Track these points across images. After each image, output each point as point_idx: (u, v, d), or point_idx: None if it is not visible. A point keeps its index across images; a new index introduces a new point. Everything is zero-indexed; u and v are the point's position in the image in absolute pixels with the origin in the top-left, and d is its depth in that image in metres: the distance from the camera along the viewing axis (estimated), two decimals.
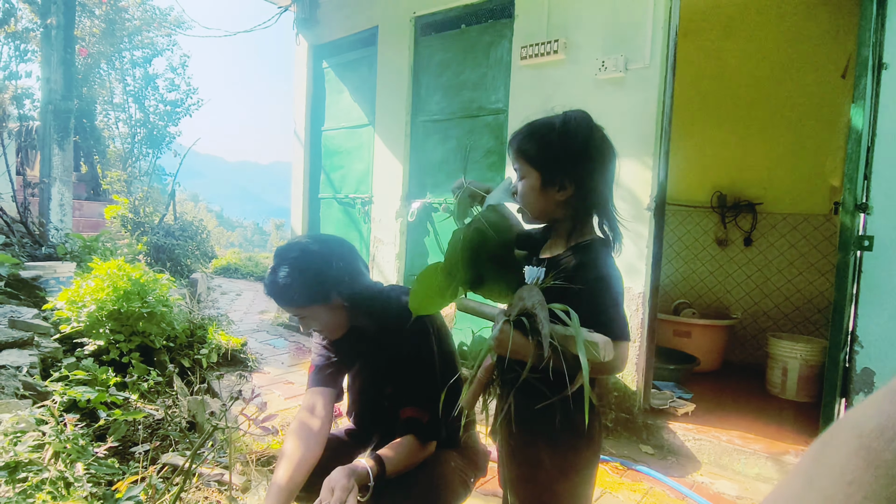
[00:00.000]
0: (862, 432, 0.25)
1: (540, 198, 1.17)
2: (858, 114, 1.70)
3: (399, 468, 1.34)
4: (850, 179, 1.65)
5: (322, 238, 1.55)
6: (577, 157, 1.14)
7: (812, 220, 3.95)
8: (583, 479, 1.18)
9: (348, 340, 1.56)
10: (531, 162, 1.17)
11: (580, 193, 1.16)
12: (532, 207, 1.20)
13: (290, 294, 1.41)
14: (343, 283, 1.45)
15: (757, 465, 2.41)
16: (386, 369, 1.54)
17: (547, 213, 1.20)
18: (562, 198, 1.16)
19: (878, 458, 0.23)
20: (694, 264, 4.49)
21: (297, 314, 1.45)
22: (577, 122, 1.14)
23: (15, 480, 1.13)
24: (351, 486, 1.20)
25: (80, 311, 2.83)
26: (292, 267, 1.42)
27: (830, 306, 3.71)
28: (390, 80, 3.94)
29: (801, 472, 0.28)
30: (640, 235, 2.70)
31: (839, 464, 0.25)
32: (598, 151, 1.16)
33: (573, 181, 1.14)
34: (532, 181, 1.17)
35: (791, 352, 3.30)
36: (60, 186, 6.71)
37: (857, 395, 2.15)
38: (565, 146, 1.14)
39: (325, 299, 1.43)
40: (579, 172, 1.14)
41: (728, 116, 4.26)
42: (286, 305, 1.44)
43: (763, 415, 2.96)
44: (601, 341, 0.98)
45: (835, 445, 0.26)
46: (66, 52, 6.84)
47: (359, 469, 1.25)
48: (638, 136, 2.69)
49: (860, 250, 1.85)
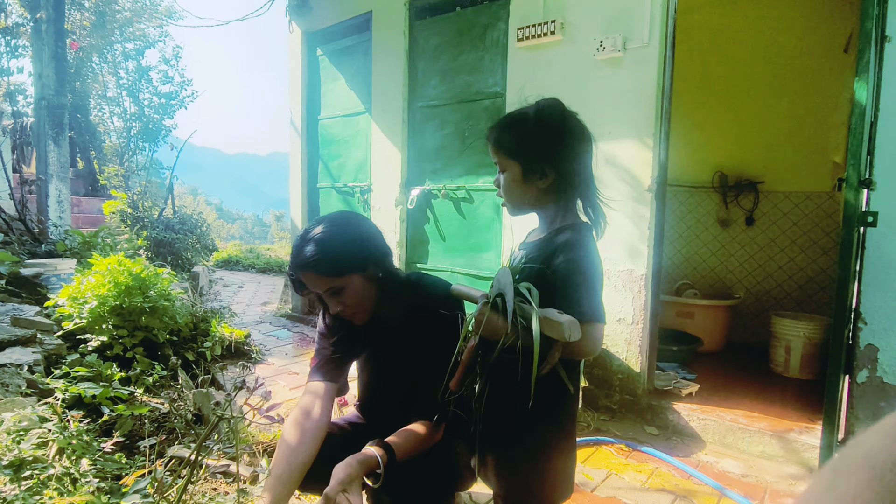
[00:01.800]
0: (875, 463, 0.24)
1: (522, 188, 1.20)
2: (862, 88, 1.68)
3: (408, 455, 1.34)
4: (854, 155, 1.63)
5: (353, 213, 1.54)
6: (554, 143, 1.17)
7: (814, 198, 3.93)
8: (552, 464, 1.17)
9: (363, 329, 1.52)
10: (511, 154, 1.20)
11: (561, 179, 1.18)
12: (515, 198, 1.23)
13: (330, 259, 1.33)
14: (378, 255, 1.43)
15: (762, 443, 2.41)
16: (410, 357, 1.51)
17: (530, 202, 1.23)
18: (544, 185, 1.19)
19: (891, 491, 0.23)
20: (696, 245, 4.48)
21: (331, 286, 1.36)
22: (550, 109, 1.18)
23: (20, 478, 1.13)
24: (356, 474, 1.20)
25: (81, 308, 2.83)
26: (331, 232, 1.38)
27: (833, 284, 3.71)
28: (386, 66, 3.90)
29: (812, 502, 0.28)
30: (642, 217, 2.68)
31: (851, 495, 0.25)
32: (574, 136, 1.19)
33: (553, 168, 1.17)
34: (514, 173, 1.20)
35: (794, 330, 3.30)
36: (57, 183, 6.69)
37: (860, 371, 2.14)
38: (542, 134, 1.17)
39: (362, 268, 1.38)
40: (558, 158, 1.17)
41: (729, 94, 4.21)
42: (324, 273, 1.34)
43: (767, 393, 2.97)
44: (565, 321, 0.97)
45: (846, 475, 0.26)
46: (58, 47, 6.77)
47: (368, 457, 1.25)
48: (638, 117, 2.66)
49: (864, 226, 1.84)
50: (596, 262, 1.12)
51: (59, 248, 4.73)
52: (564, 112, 1.18)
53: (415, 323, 1.49)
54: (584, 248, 1.12)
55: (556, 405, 1.14)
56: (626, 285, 2.74)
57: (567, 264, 1.09)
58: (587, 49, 2.79)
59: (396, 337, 1.54)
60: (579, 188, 1.20)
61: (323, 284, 1.36)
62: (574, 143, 1.18)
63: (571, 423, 1.19)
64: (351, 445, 1.38)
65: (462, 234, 3.56)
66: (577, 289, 1.07)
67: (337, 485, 1.16)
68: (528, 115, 1.18)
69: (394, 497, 1.36)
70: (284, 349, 3.91)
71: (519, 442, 1.18)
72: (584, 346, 1.04)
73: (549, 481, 1.18)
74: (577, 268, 1.09)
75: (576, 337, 0.98)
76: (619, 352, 2.78)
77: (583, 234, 1.16)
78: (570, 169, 1.17)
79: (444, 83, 3.59)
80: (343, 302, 1.39)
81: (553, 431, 1.16)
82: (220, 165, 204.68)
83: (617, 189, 2.71)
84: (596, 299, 1.07)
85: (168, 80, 10.02)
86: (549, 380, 1.07)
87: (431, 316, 1.43)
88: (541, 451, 1.16)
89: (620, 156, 2.72)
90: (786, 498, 2.06)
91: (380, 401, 1.67)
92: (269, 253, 10.06)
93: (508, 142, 1.20)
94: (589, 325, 1.04)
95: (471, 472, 1.60)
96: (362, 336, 1.57)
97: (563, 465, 1.18)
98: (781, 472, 2.28)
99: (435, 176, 3.69)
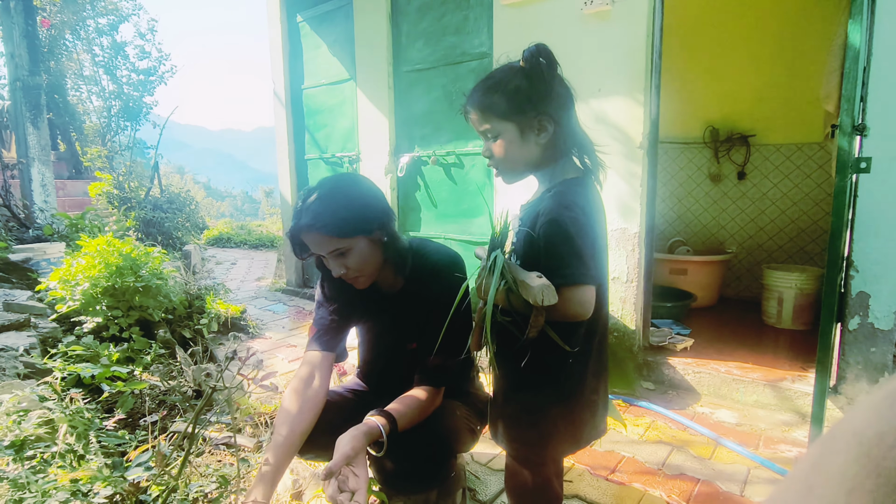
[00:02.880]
0: (862, 439, 0.24)
1: (522, 148, 1.13)
2: (855, 30, 1.64)
3: (410, 422, 1.35)
4: (848, 100, 1.61)
5: (357, 175, 1.52)
6: (549, 92, 1.10)
7: (806, 150, 3.91)
8: (552, 423, 1.17)
9: (364, 295, 1.51)
10: (503, 116, 1.12)
11: (560, 130, 1.13)
12: (514, 162, 1.16)
13: (336, 219, 1.31)
14: (384, 218, 1.41)
15: (755, 392, 2.46)
16: (411, 323, 1.51)
17: (531, 164, 1.17)
18: (544, 140, 1.13)
19: (878, 466, 0.23)
20: (688, 202, 4.47)
21: (336, 247, 1.33)
22: (537, 56, 1.09)
23: (23, 458, 1.13)
24: (360, 447, 1.20)
25: (73, 290, 2.81)
26: (337, 193, 1.35)
27: (825, 235, 3.73)
28: (368, 30, 3.78)
29: (800, 478, 0.28)
30: (634, 175, 2.66)
31: (839, 471, 0.24)
32: (565, 82, 1.14)
33: (551, 119, 1.11)
34: (509, 135, 1.12)
35: (786, 282, 3.33)
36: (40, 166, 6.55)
37: (852, 318, 2.17)
38: (533, 87, 1.10)
39: (368, 230, 1.36)
40: (555, 107, 1.11)
41: (719, 46, 4.14)
42: (330, 234, 1.31)
43: (760, 345, 3.02)
44: (536, 286, 0.96)
45: (834, 451, 0.26)
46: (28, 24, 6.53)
47: (371, 428, 1.25)
48: (627, 72, 2.61)
49: (857, 173, 1.83)
50: (583, 220, 1.06)
51: (47, 232, 4.67)
52: (553, 57, 1.11)
53: (416, 289, 1.49)
54: (567, 208, 1.06)
55: (556, 366, 1.14)
56: (619, 244, 2.74)
57: (547, 227, 1.05)
58: (575, 3, 2.71)
59: (398, 303, 1.54)
60: (577, 137, 1.15)
61: (328, 246, 1.33)
62: (562, 87, 1.13)
63: (575, 383, 1.16)
64: (353, 412, 1.40)
65: (453, 199, 3.53)
66: (555, 251, 1.04)
67: (341, 458, 1.15)
68: (516, 68, 1.13)
69: (397, 463, 1.37)
70: (281, 323, 3.92)
71: (519, 402, 1.19)
72: (568, 308, 1.02)
73: (550, 439, 1.19)
74: (556, 230, 1.04)
75: (549, 301, 0.96)
76: (614, 310, 2.80)
77: (573, 191, 1.11)
78: (567, 117, 1.13)
79: (428, 45, 3.50)
80: (347, 265, 1.36)
81: (551, 391, 1.16)
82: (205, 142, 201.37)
83: (608, 147, 2.66)
84: (578, 260, 1.03)
85: (145, 56, 9.73)
86: (547, 341, 1.07)
87: (433, 282, 1.44)
88: (538, 411, 1.17)
89: (611, 113, 2.68)
90: (780, 444, 2.12)
91: (381, 367, 1.68)
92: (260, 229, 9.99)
93: (498, 104, 1.12)
94: (571, 289, 1.01)
95: (472, 433, 1.62)
96: (362, 302, 1.56)
97: (564, 423, 1.18)
98: (775, 419, 2.33)
99: (424, 142, 3.63)
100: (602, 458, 2.00)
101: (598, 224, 1.12)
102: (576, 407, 1.17)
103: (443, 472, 1.50)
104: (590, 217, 1.09)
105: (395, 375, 1.58)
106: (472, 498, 1.74)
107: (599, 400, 1.22)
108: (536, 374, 1.14)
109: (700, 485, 1.82)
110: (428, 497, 1.55)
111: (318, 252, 1.36)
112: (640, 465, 1.96)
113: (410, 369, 1.49)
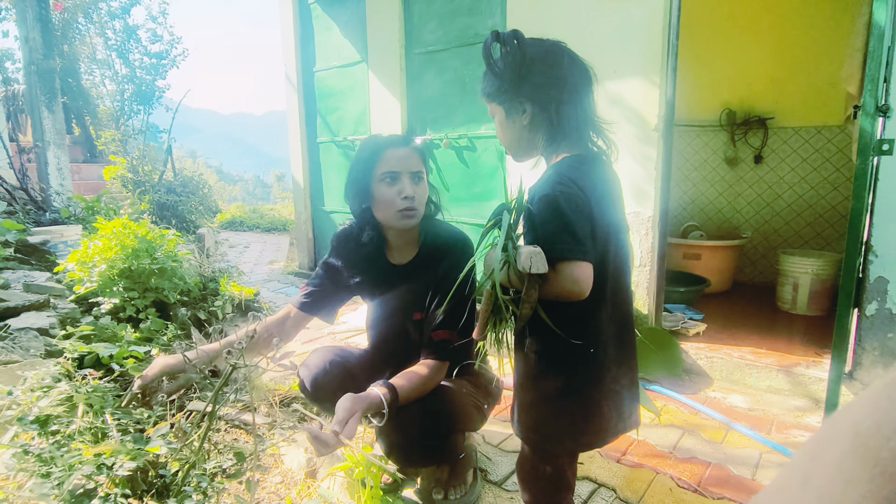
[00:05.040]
0: (859, 430, 0.24)
1: (509, 130, 1.18)
2: (881, 8, 1.59)
3: (412, 396, 1.39)
4: (872, 80, 1.57)
5: None
6: (521, 75, 1.12)
7: (825, 132, 3.83)
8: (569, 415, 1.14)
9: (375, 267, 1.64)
10: (491, 98, 1.19)
11: (542, 111, 1.13)
12: (507, 142, 1.22)
13: (421, 146, 1.55)
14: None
15: (768, 377, 2.45)
16: (420, 293, 1.58)
17: (523, 144, 1.19)
18: (526, 121, 1.15)
19: (874, 457, 0.23)
20: (703, 186, 4.41)
21: (421, 169, 1.53)
22: (507, 40, 1.10)
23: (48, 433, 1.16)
24: (357, 409, 1.24)
25: (91, 272, 2.85)
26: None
27: (843, 219, 3.66)
28: (380, 12, 3.74)
29: (797, 469, 0.28)
30: (648, 158, 2.63)
31: (835, 462, 0.24)
32: (543, 62, 1.12)
33: (529, 100, 1.13)
34: (498, 116, 1.19)
35: (802, 267, 3.29)
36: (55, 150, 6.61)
37: (869, 303, 2.14)
38: (507, 69, 1.12)
39: (428, 176, 1.57)
40: (530, 89, 1.12)
41: (737, 26, 4.04)
42: (423, 157, 1.55)
43: (774, 330, 2.99)
44: (523, 252, 0.97)
45: (831, 443, 0.26)
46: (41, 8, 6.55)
47: (371, 397, 1.29)
48: (643, 53, 2.56)
49: (880, 155, 1.79)
50: (577, 195, 1.04)
51: (64, 214, 4.73)
52: (523, 40, 1.10)
53: (426, 262, 1.56)
54: (561, 183, 1.05)
55: (575, 354, 1.10)
56: (632, 227, 2.72)
57: (538, 203, 1.05)
58: None
59: (407, 274, 1.59)
60: (578, 118, 1.13)
61: (416, 164, 1.51)
62: (544, 69, 1.12)
63: (594, 372, 1.13)
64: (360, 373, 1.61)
65: (465, 183, 3.52)
66: (546, 227, 1.03)
67: (336, 425, 1.20)
68: (491, 55, 1.14)
69: (400, 433, 1.41)
70: None
71: (537, 390, 1.17)
72: (561, 285, 1.01)
73: (566, 431, 1.16)
74: (547, 205, 1.03)
75: (537, 268, 0.95)
76: None
77: (570, 167, 1.09)
78: (549, 97, 1.12)
79: (441, 27, 3.46)
80: (418, 191, 1.50)
81: (568, 381, 1.12)
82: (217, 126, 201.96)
83: (623, 129, 2.65)
84: (571, 236, 1.01)
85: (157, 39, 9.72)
86: (567, 327, 1.05)
87: (441, 256, 1.49)
88: (555, 400, 1.14)
89: (626, 95, 2.64)
90: (792, 429, 2.11)
91: (388, 336, 1.72)
92: (272, 213, 10.03)
93: (486, 87, 1.19)
94: (562, 265, 1.00)
95: (479, 410, 1.64)
96: (372, 273, 1.64)
97: (583, 415, 1.14)
98: (788, 405, 2.32)
99: (436, 125, 3.61)
100: (613, 441, 2.01)
101: (601, 202, 1.09)
102: (595, 397, 1.13)
103: (448, 447, 1.53)
104: (588, 193, 1.06)
105: (402, 344, 1.65)
106: (483, 478, 1.76)
107: (624, 390, 1.17)
108: (555, 363, 1.12)
109: (711, 468, 1.83)
110: (439, 476, 1.58)
111: (402, 167, 1.48)
112: (651, 448, 1.96)
113: (417, 339, 1.58)
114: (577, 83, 1.14)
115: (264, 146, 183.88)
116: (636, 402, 1.23)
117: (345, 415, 1.21)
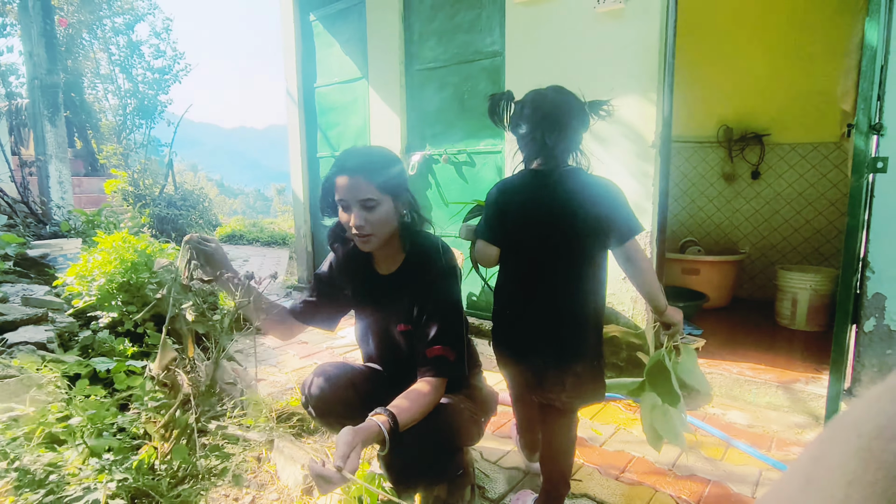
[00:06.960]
0: (861, 432, 0.24)
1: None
2: (873, 28, 1.62)
3: (415, 418, 1.36)
4: (865, 99, 1.59)
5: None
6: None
7: (822, 149, 3.86)
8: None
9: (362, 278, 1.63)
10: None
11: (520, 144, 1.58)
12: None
13: (382, 170, 1.42)
14: (412, 195, 1.54)
15: (768, 394, 2.44)
16: (405, 304, 1.56)
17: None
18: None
19: (877, 459, 0.23)
20: (700, 201, 4.44)
21: (370, 196, 1.41)
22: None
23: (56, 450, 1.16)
24: (357, 442, 1.21)
25: (90, 285, 2.85)
26: (383, 152, 1.50)
27: (840, 235, 3.67)
28: (381, 29, 3.80)
29: (800, 471, 0.28)
30: (646, 174, 2.64)
31: (838, 464, 0.25)
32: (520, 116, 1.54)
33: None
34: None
35: (800, 282, 3.30)
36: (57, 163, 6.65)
37: (867, 319, 2.15)
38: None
39: (397, 195, 1.47)
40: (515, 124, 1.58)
41: (734, 44, 4.10)
42: (372, 180, 1.40)
43: (773, 346, 2.99)
44: (463, 227, 1.67)
45: (834, 445, 0.26)
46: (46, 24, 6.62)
47: (371, 428, 1.25)
48: (640, 71, 2.59)
49: (874, 173, 1.81)
50: (494, 195, 1.52)
51: (64, 228, 4.75)
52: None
53: (411, 272, 1.55)
54: (494, 186, 1.56)
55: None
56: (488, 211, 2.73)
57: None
58: (587, 2, 2.70)
59: (392, 285, 1.58)
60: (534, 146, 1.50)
61: (364, 192, 1.41)
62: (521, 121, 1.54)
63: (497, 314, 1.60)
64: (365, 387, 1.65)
65: (464, 198, 3.53)
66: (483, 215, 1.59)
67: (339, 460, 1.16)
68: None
69: (402, 458, 1.39)
70: None
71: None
72: (475, 254, 1.57)
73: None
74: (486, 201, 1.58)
75: (462, 236, 1.65)
76: (624, 310, 2.79)
77: (505, 179, 1.57)
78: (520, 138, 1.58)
79: (441, 44, 3.50)
80: (369, 219, 1.42)
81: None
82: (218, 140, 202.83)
83: (620, 146, 2.67)
84: (484, 222, 1.55)
85: (160, 55, 9.83)
86: None
87: (426, 267, 1.48)
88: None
89: (624, 112, 2.66)
90: (792, 446, 2.10)
91: (379, 348, 1.71)
92: (272, 227, 10.06)
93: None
94: (477, 240, 1.56)
95: (478, 427, 1.63)
96: (359, 284, 1.64)
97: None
98: (788, 421, 2.31)
99: (435, 140, 3.64)
100: (612, 458, 2.00)
101: (512, 201, 1.49)
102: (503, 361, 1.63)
103: (449, 466, 1.51)
104: (502, 194, 1.51)
105: (391, 356, 1.66)
106: (481, 495, 1.74)
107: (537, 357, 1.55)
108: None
109: (711, 486, 1.82)
110: (438, 494, 1.56)
111: (349, 196, 1.42)
112: (651, 466, 1.95)
113: (407, 350, 1.57)
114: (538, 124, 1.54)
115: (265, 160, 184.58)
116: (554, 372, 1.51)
117: (346, 449, 1.18)
